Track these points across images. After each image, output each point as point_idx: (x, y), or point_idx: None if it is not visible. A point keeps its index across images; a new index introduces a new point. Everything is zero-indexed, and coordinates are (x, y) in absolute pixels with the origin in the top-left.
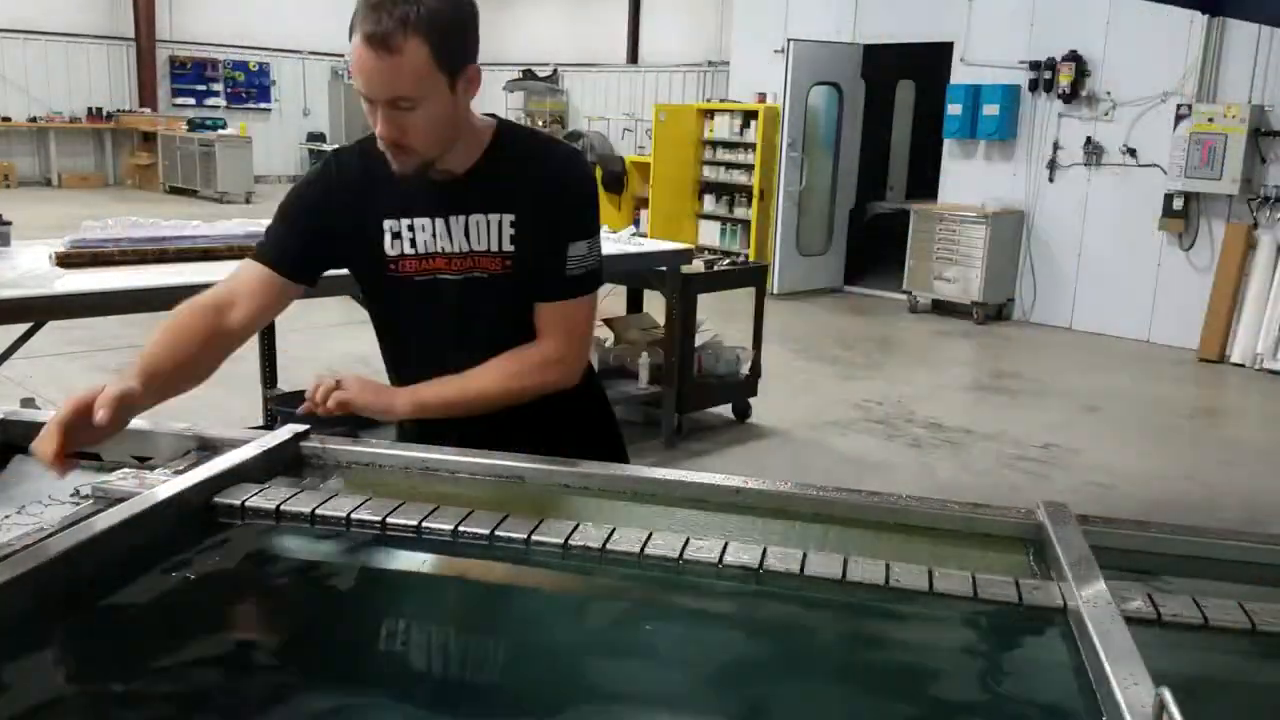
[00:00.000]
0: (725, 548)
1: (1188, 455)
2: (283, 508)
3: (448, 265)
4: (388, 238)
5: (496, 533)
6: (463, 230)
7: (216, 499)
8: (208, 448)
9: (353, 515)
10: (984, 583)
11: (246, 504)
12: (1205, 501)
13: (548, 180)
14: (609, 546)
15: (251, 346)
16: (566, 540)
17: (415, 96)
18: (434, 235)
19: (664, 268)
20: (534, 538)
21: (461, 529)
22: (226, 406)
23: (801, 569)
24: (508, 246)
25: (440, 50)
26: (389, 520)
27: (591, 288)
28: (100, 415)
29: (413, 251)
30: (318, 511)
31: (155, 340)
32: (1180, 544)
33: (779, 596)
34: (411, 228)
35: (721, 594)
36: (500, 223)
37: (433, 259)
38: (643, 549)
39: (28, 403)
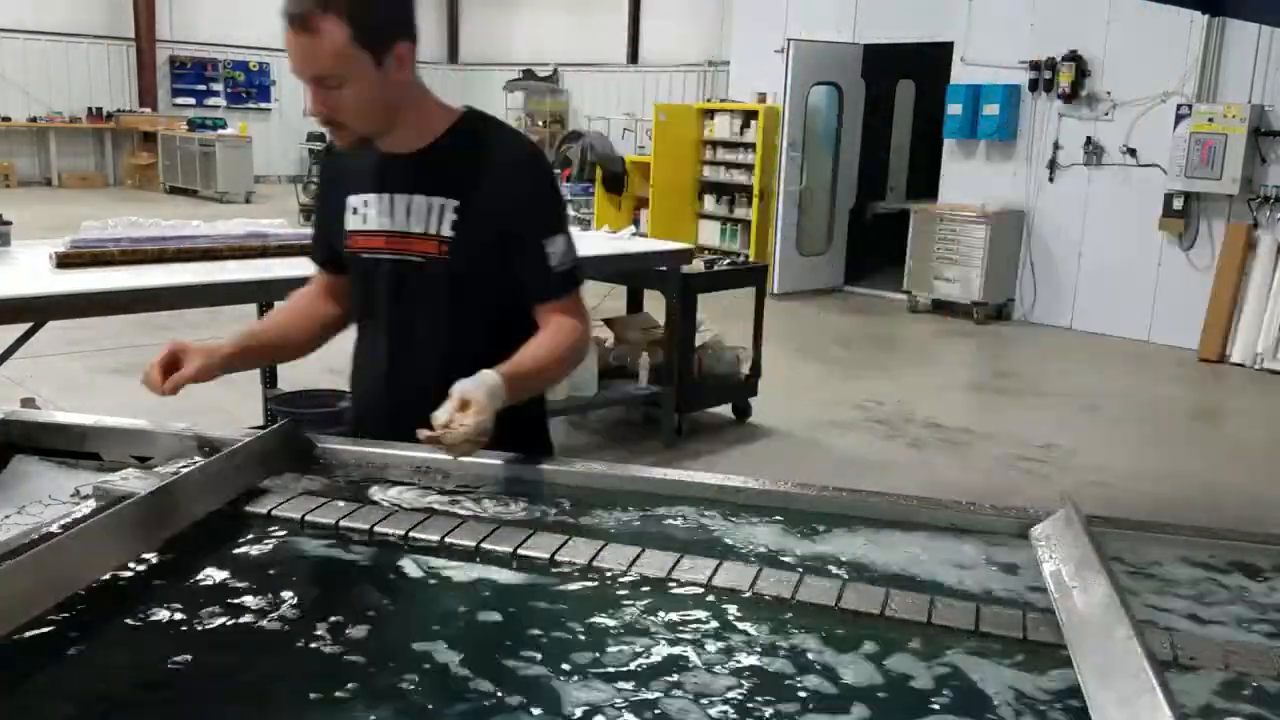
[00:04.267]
0: (717, 568)
1: (1188, 455)
2: (307, 518)
3: (387, 244)
4: (348, 213)
5: (482, 546)
6: (405, 209)
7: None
8: (208, 447)
9: (375, 528)
10: (988, 616)
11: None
12: (1205, 501)
13: (505, 172)
14: (595, 563)
15: None
16: (553, 555)
17: (338, 74)
18: (378, 212)
19: (664, 268)
20: (520, 552)
21: (448, 540)
22: (226, 406)
23: (794, 595)
24: (446, 231)
25: (361, 28)
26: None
27: (579, 285)
28: (185, 371)
29: (362, 227)
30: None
31: (269, 314)
32: (1189, 545)
33: (768, 620)
34: (366, 204)
35: (710, 611)
36: (443, 207)
37: (376, 236)
38: (631, 565)
39: (28, 403)
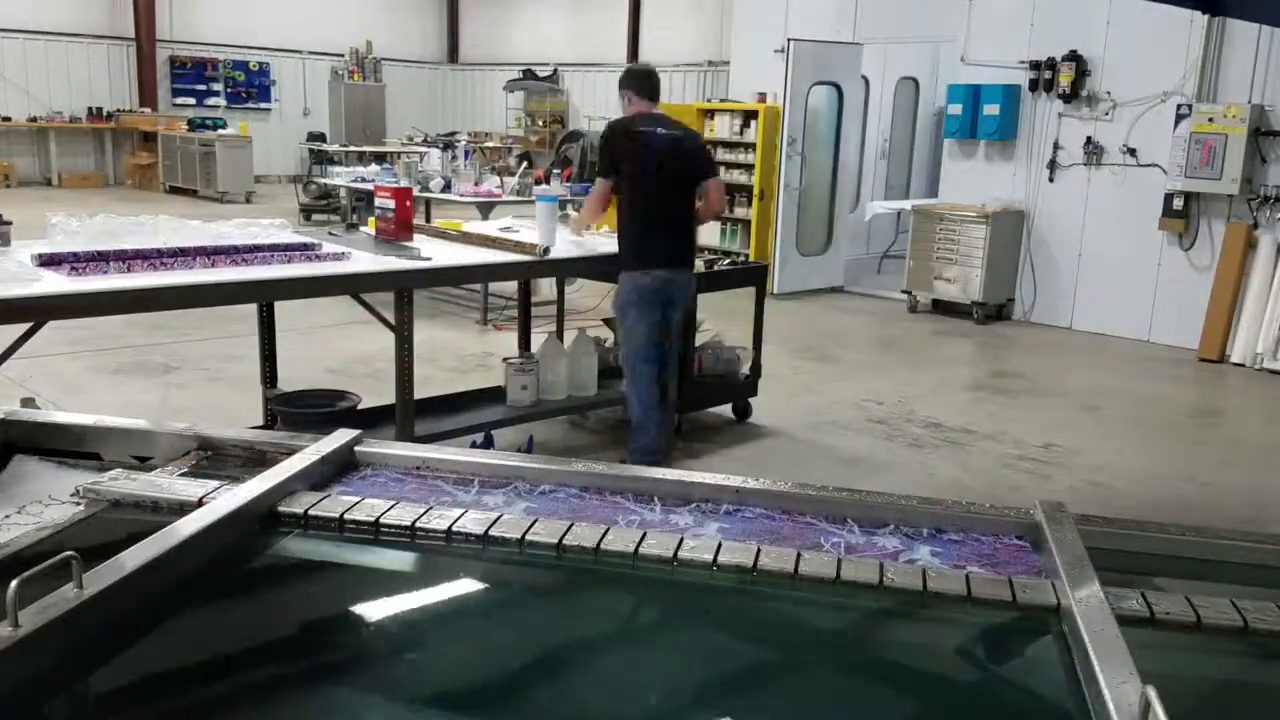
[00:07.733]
0: (719, 548)
1: (1188, 455)
2: (346, 516)
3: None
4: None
5: (490, 533)
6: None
7: (280, 507)
8: (208, 448)
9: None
10: (978, 581)
11: (309, 512)
12: (1205, 501)
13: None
14: (603, 546)
15: (251, 346)
16: (560, 540)
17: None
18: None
19: None
20: (528, 538)
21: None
22: (227, 406)
23: (795, 570)
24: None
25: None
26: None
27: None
28: None
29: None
30: (382, 520)
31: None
32: (1178, 544)
33: (772, 597)
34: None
35: (717, 593)
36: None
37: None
38: (637, 549)
39: (28, 403)
